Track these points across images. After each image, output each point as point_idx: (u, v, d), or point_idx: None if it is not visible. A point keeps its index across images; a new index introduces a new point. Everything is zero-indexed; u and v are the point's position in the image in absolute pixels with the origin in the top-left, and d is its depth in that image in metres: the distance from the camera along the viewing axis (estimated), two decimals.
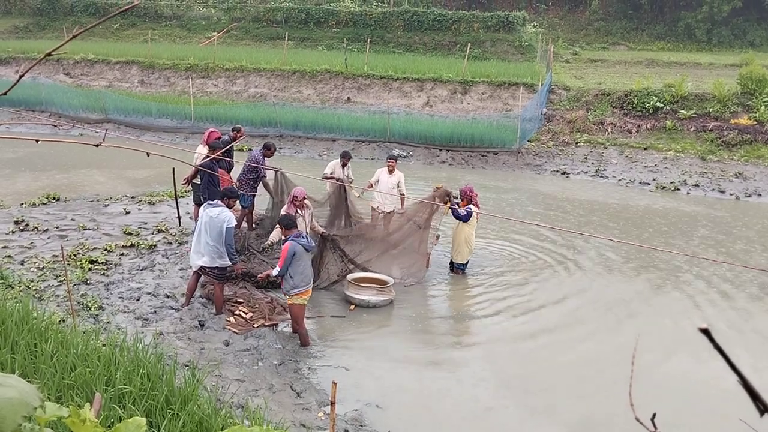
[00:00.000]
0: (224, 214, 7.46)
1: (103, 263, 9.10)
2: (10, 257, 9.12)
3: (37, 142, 1.63)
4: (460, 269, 9.82)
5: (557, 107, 20.65)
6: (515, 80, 21.66)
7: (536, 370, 7.16)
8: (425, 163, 18.47)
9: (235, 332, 7.40)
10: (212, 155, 9.14)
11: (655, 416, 1.05)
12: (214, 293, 7.86)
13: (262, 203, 10.87)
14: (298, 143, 19.81)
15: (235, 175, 10.65)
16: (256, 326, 7.61)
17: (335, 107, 21.52)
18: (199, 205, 9.44)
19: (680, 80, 20.04)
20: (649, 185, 16.59)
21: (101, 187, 13.94)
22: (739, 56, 27.32)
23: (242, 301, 8.22)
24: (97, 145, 1.61)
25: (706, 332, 0.78)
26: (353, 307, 8.51)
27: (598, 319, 8.56)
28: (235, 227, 7.71)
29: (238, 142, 10.86)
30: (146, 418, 4.06)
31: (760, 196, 15.75)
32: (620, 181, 16.96)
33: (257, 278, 8.29)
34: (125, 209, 11.90)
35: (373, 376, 6.81)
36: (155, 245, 10.02)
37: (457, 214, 9.39)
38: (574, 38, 34.92)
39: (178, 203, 11.25)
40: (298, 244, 7.07)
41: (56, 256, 9.13)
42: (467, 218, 9.42)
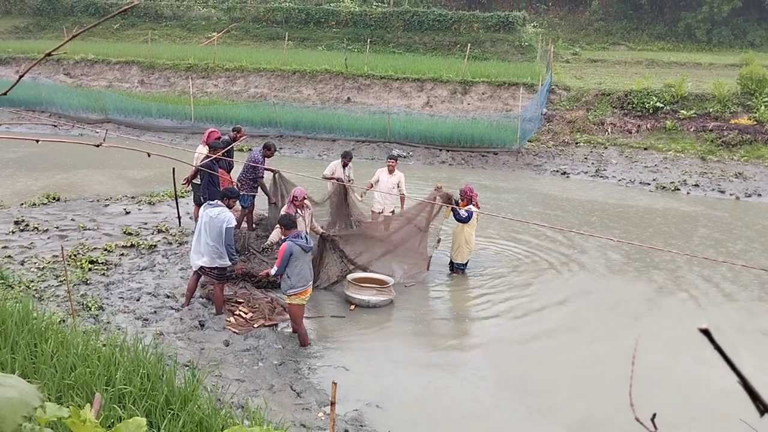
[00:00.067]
0: (224, 214, 7.46)
1: (103, 263, 9.10)
2: (10, 257, 9.12)
3: (37, 142, 1.63)
4: (459, 269, 9.83)
5: (557, 107, 20.65)
6: (515, 80, 21.66)
7: (536, 370, 7.16)
8: (425, 163, 18.47)
9: (235, 332, 7.40)
10: (212, 155, 9.14)
11: (655, 416, 1.05)
12: (214, 293, 7.86)
13: (262, 203, 10.87)
14: (298, 143, 19.81)
15: (234, 175, 10.65)
16: (256, 326, 7.61)
17: (335, 107, 21.52)
18: (199, 205, 9.45)
19: (680, 80, 20.04)
20: (649, 185, 16.59)
21: (101, 187, 13.94)
22: (739, 56, 27.32)
23: (242, 301, 8.22)
24: (97, 145, 1.61)
25: (706, 332, 0.78)
26: (353, 307, 8.51)
27: (598, 319, 8.56)
28: (234, 227, 7.71)
29: (238, 142, 10.86)
30: (146, 418, 4.06)
31: (760, 196, 15.75)
32: (620, 181, 16.95)
33: (257, 276, 8.29)
34: (125, 209, 11.90)
35: (373, 376, 6.81)
36: (155, 245, 10.02)
37: (458, 216, 9.39)
38: (574, 38, 34.93)
39: (178, 203, 11.25)
40: (295, 244, 7.06)
41: (56, 256, 9.13)
42: (468, 219, 9.43)
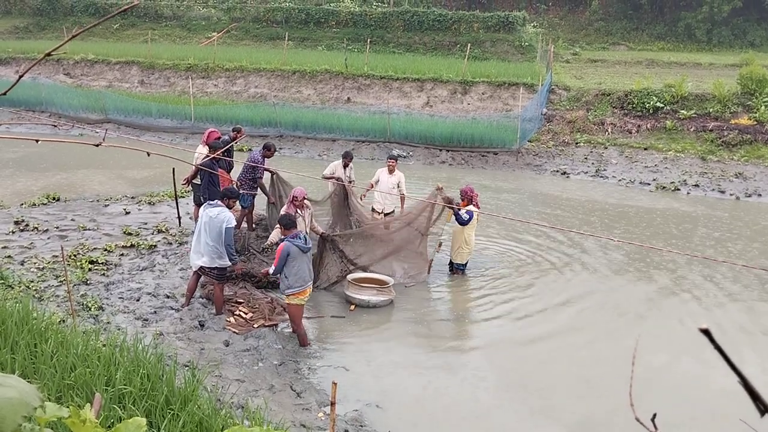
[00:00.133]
0: (224, 214, 7.46)
1: (103, 263, 9.10)
2: (10, 257, 9.12)
3: (37, 142, 1.63)
4: (459, 269, 9.82)
5: (557, 107, 20.65)
6: (515, 80, 21.65)
7: (536, 370, 7.15)
8: (425, 163, 18.47)
9: (235, 332, 7.40)
10: (212, 155, 9.15)
11: (655, 416, 1.05)
12: (214, 293, 7.86)
13: (262, 203, 10.87)
14: (298, 143, 19.80)
15: (234, 175, 10.65)
16: (256, 326, 7.61)
17: (335, 107, 21.51)
18: (199, 205, 9.45)
19: (680, 80, 20.03)
20: (649, 185, 16.59)
21: (101, 187, 13.94)
22: (739, 56, 27.32)
23: (242, 301, 8.22)
24: (97, 145, 1.62)
25: (706, 332, 0.78)
26: (353, 307, 8.51)
27: (599, 319, 8.56)
28: (234, 227, 7.71)
29: (238, 142, 10.86)
30: (146, 418, 4.06)
31: (760, 196, 15.75)
32: (620, 181, 16.95)
33: (257, 276, 8.28)
34: (125, 209, 11.90)
35: (373, 376, 6.81)
36: (155, 245, 10.02)
37: (460, 219, 9.37)
38: (574, 38, 34.93)
39: (178, 203, 11.25)
40: (293, 244, 7.05)
41: (56, 256, 9.13)
42: (470, 220, 9.43)
